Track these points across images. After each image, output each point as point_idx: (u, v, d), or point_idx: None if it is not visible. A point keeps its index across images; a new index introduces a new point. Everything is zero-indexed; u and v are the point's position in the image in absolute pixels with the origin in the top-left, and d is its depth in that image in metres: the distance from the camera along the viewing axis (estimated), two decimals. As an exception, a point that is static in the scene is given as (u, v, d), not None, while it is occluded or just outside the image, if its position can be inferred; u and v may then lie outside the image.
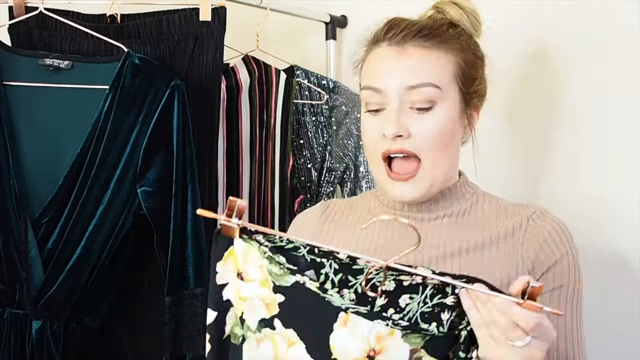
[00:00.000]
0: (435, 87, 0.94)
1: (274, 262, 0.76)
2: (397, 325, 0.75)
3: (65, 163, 1.19)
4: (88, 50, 1.30)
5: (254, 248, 0.77)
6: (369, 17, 1.79)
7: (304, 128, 1.65)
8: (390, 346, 0.75)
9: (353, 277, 0.78)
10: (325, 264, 0.78)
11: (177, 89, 1.21)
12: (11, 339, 1.22)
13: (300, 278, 0.76)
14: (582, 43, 1.27)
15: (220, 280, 0.79)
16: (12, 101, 1.22)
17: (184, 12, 1.33)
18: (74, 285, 1.21)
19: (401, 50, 0.96)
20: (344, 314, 0.75)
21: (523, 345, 0.70)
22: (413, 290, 0.77)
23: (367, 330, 0.75)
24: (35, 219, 1.19)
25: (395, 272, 0.76)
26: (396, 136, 0.93)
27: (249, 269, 0.77)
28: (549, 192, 1.35)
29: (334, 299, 0.75)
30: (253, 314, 0.78)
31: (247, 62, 1.52)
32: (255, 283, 0.77)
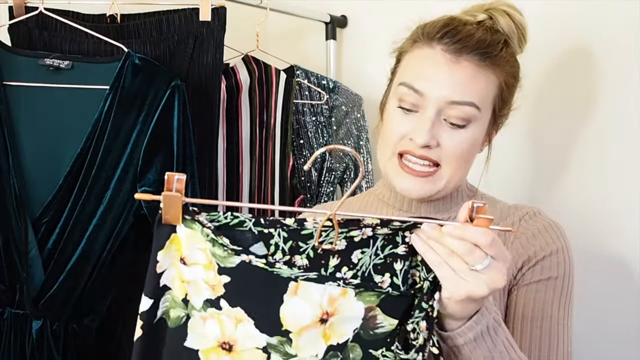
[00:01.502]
0: (476, 108, 0.93)
1: (217, 245, 0.74)
2: (349, 284, 0.74)
3: (66, 163, 1.19)
4: (88, 50, 1.29)
5: (196, 232, 0.75)
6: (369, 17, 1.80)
7: (304, 128, 1.65)
8: (344, 306, 0.75)
9: (303, 243, 0.75)
10: (273, 233, 0.75)
11: (178, 89, 1.21)
12: (11, 339, 1.22)
13: (245, 257, 0.74)
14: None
15: (159, 269, 0.77)
16: (12, 101, 1.22)
17: (184, 12, 1.33)
18: (74, 285, 1.21)
19: (455, 61, 0.93)
20: (295, 283, 0.75)
21: (483, 267, 0.70)
22: (364, 244, 0.75)
23: (319, 294, 0.75)
24: (36, 219, 1.19)
25: (345, 228, 0.74)
26: (425, 145, 0.93)
27: (192, 253, 0.76)
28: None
29: (282, 271, 0.74)
30: (198, 294, 0.76)
31: (247, 62, 1.52)
32: (198, 266, 0.76)
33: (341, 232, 0.75)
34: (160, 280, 0.77)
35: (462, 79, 0.92)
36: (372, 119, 1.70)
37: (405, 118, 0.95)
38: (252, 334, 0.76)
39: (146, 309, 0.77)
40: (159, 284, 0.77)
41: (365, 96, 1.70)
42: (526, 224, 0.97)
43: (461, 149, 0.94)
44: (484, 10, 1.00)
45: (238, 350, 0.76)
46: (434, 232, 0.72)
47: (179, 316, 0.78)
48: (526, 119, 1.37)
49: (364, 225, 0.75)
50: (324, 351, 0.75)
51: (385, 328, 0.75)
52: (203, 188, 1.30)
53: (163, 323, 0.79)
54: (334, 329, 0.75)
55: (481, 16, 0.99)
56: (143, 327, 0.77)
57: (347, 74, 1.81)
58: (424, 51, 0.96)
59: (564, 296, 0.94)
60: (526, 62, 1.03)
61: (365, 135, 1.67)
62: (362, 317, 0.75)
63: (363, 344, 0.75)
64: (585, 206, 1.30)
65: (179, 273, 0.77)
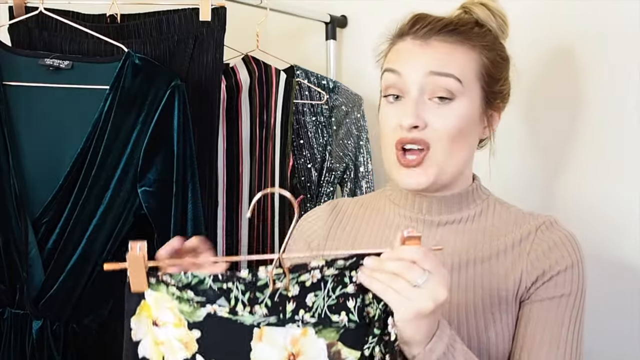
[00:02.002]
0: (456, 79, 0.93)
1: (183, 301, 0.78)
2: (307, 323, 0.77)
3: (66, 163, 1.19)
4: (88, 50, 1.29)
5: (162, 293, 0.78)
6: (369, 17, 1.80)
7: (304, 128, 1.65)
8: (307, 345, 0.78)
9: (260, 293, 0.79)
10: (232, 287, 0.78)
11: (178, 89, 1.21)
12: (11, 339, 1.22)
13: (210, 309, 0.78)
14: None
15: (135, 337, 0.80)
16: (12, 101, 1.22)
17: (184, 12, 1.33)
18: (74, 285, 1.21)
19: (425, 44, 0.95)
20: (258, 329, 0.78)
21: (423, 282, 0.74)
22: (316, 287, 0.78)
23: (282, 337, 0.78)
24: (36, 219, 1.19)
25: (295, 273, 0.78)
26: (412, 127, 0.93)
27: (162, 314, 0.79)
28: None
29: (245, 319, 0.78)
30: (173, 355, 0.79)
31: (247, 62, 1.52)
32: (169, 325, 0.79)
33: (292, 277, 0.78)
34: (138, 351, 0.80)
35: (436, 54, 0.94)
36: (372, 119, 1.70)
37: (394, 107, 0.96)
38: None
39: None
40: (138, 355, 0.80)
41: (365, 96, 1.70)
42: (542, 234, 0.96)
43: (450, 126, 0.93)
44: (460, 7, 1.02)
45: None
46: (375, 262, 0.76)
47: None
48: (525, 119, 1.37)
49: (311, 268, 0.78)
50: None
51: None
52: (203, 188, 1.30)
53: None
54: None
55: (457, 12, 1.01)
56: None
57: (347, 74, 1.81)
58: (397, 46, 0.99)
59: (575, 310, 0.94)
60: (527, 60, 1.03)
61: (365, 135, 1.67)
62: (326, 354, 0.77)
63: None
64: (584, 206, 1.30)
65: (153, 337, 0.79)
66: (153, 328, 0.79)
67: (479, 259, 0.96)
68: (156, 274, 0.79)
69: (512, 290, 0.93)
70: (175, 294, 0.78)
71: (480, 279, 0.94)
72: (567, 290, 0.93)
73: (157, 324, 0.79)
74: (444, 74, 0.93)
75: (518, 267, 0.94)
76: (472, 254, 0.96)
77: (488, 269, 0.95)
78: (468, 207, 1.01)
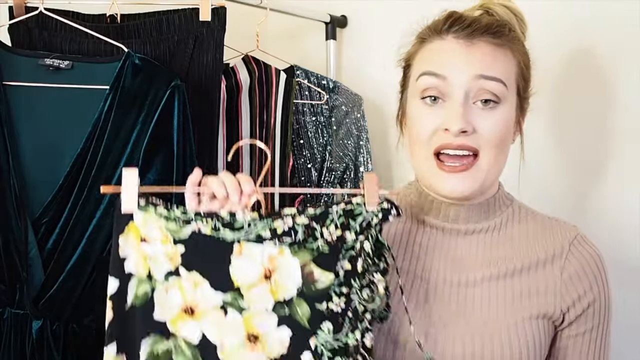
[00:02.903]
0: (503, 84, 0.91)
1: (170, 220, 0.85)
2: (283, 242, 0.84)
3: (66, 163, 1.19)
4: (88, 50, 1.29)
5: (150, 213, 0.85)
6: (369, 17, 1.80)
7: (304, 128, 1.65)
8: (282, 263, 0.84)
9: (238, 232, 0.85)
10: (210, 223, 0.85)
11: (178, 89, 1.21)
12: (11, 339, 1.22)
13: (195, 227, 0.84)
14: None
15: (122, 253, 0.85)
16: (12, 101, 1.22)
17: (184, 12, 1.33)
18: (74, 285, 1.20)
19: (470, 44, 0.91)
20: (238, 244, 0.84)
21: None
22: (286, 235, 0.84)
23: (260, 254, 0.84)
24: (35, 219, 1.19)
25: (269, 218, 0.84)
26: (461, 132, 0.89)
27: (150, 232, 0.85)
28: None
29: (226, 236, 0.84)
30: (159, 268, 0.85)
31: (247, 62, 1.52)
32: (157, 242, 0.85)
33: (266, 223, 0.84)
34: (125, 266, 0.85)
35: (483, 56, 0.91)
36: (372, 119, 1.70)
37: (432, 110, 0.92)
38: (209, 294, 0.84)
39: (114, 292, 0.85)
40: (124, 269, 0.85)
41: (365, 96, 1.69)
42: (576, 250, 0.95)
43: (497, 131, 0.91)
44: (479, 7, 0.99)
45: (199, 312, 0.85)
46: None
47: (145, 292, 0.85)
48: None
49: (284, 215, 0.84)
50: (272, 305, 0.84)
51: (325, 283, 0.83)
52: (203, 188, 1.30)
53: (133, 309, 0.85)
54: (278, 286, 0.84)
55: (477, 12, 0.99)
56: (113, 309, 0.85)
57: (347, 74, 1.80)
58: (435, 44, 0.95)
59: (605, 336, 0.96)
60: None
61: (365, 135, 1.67)
62: (300, 274, 0.84)
63: (308, 300, 0.83)
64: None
65: (141, 254, 0.85)
66: (141, 244, 0.85)
67: (509, 271, 0.94)
68: (146, 197, 0.86)
69: (545, 309, 0.93)
70: (162, 214, 0.85)
71: (510, 292, 0.93)
72: (595, 321, 0.94)
73: (146, 240, 0.85)
74: (492, 77, 0.90)
75: (552, 287, 0.93)
76: (502, 267, 0.95)
77: (519, 283, 0.94)
78: (495, 215, 0.98)
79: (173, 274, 0.85)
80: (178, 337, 0.85)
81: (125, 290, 0.85)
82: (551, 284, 0.93)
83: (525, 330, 0.91)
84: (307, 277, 0.84)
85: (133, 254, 0.85)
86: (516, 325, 0.91)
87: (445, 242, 0.98)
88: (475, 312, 0.92)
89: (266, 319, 0.84)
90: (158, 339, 0.85)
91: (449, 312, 0.93)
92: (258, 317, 0.84)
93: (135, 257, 0.85)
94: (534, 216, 1.01)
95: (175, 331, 0.85)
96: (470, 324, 0.91)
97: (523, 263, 0.95)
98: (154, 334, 0.85)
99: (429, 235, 0.99)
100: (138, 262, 0.85)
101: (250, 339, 0.84)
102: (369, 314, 0.84)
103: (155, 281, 0.85)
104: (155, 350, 0.84)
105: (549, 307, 0.93)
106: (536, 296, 0.93)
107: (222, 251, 0.84)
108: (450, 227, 0.98)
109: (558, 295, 0.93)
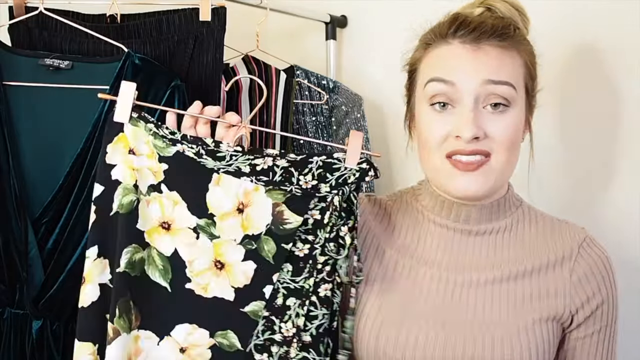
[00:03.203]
0: (512, 87, 0.91)
1: (158, 137, 0.89)
2: (260, 181, 0.88)
3: (65, 163, 1.19)
4: (88, 50, 1.29)
5: (140, 128, 0.89)
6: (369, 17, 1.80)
7: (304, 128, 1.65)
8: (256, 200, 0.88)
9: (218, 161, 0.90)
10: (194, 148, 0.89)
11: (178, 90, 1.21)
12: (11, 339, 1.22)
13: (180, 147, 0.89)
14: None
15: (109, 160, 0.89)
16: (12, 101, 1.22)
17: (184, 12, 1.33)
18: (74, 285, 1.20)
19: (477, 48, 0.91)
20: (217, 175, 0.89)
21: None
22: (264, 174, 0.89)
23: (236, 187, 0.88)
24: (35, 219, 1.19)
25: (251, 155, 0.88)
26: (474, 138, 0.89)
27: (138, 145, 0.90)
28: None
29: (207, 162, 0.88)
30: (144, 180, 0.90)
31: (247, 62, 1.52)
32: (143, 156, 0.90)
33: (247, 159, 0.88)
34: (112, 174, 0.89)
35: (490, 60, 0.91)
36: (372, 119, 1.70)
37: (442, 117, 0.92)
38: (185, 215, 0.89)
39: (98, 195, 0.90)
40: (111, 177, 0.90)
41: (365, 96, 1.69)
42: (585, 252, 0.95)
43: (509, 134, 0.91)
44: (480, 4, 0.99)
45: (174, 229, 0.90)
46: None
47: (131, 200, 0.90)
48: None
49: (266, 154, 0.88)
50: (241, 238, 0.89)
51: (293, 225, 0.88)
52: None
53: (117, 216, 0.90)
54: (250, 220, 0.89)
55: (479, 10, 0.98)
56: (96, 212, 0.90)
57: (347, 74, 1.80)
58: (441, 49, 0.94)
59: (612, 337, 0.97)
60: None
61: (365, 136, 1.67)
62: (271, 212, 0.88)
63: (275, 238, 0.88)
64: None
65: (129, 163, 0.89)
66: (129, 156, 0.90)
67: (519, 273, 0.95)
68: (139, 111, 0.90)
69: (555, 311, 0.93)
70: (151, 130, 0.89)
71: (521, 294, 0.93)
72: (603, 322, 0.95)
73: (135, 153, 0.90)
74: (501, 82, 0.90)
75: (561, 289, 0.93)
76: (513, 268, 0.95)
77: (529, 285, 0.94)
78: (505, 216, 0.99)
79: (155, 188, 0.90)
80: (152, 247, 0.90)
81: (110, 196, 0.89)
82: (560, 286, 0.94)
83: (535, 332, 0.91)
84: (277, 216, 0.88)
85: (121, 163, 0.89)
86: (526, 327, 0.91)
87: (456, 242, 0.98)
88: (483, 314, 0.92)
89: (234, 250, 0.89)
90: (137, 248, 0.90)
91: (456, 312, 0.93)
92: (226, 246, 0.89)
93: (123, 166, 0.90)
94: (543, 218, 1.01)
95: (150, 241, 0.91)
96: (476, 325, 0.91)
97: (533, 265, 0.95)
98: (135, 243, 0.90)
99: (438, 234, 0.99)
100: (125, 171, 0.89)
101: (217, 265, 0.90)
102: (329, 267, 0.88)
103: (140, 193, 0.90)
104: (133, 258, 0.90)
105: (558, 309, 0.93)
106: (546, 298, 0.93)
107: (202, 177, 0.89)
108: (461, 227, 0.98)
109: (567, 297, 0.93)
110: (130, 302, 0.91)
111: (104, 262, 0.91)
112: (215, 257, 0.89)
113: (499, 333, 0.90)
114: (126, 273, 0.90)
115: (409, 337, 0.91)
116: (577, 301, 0.94)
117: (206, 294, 0.90)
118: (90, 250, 0.91)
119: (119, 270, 0.90)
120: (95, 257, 0.91)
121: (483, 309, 0.93)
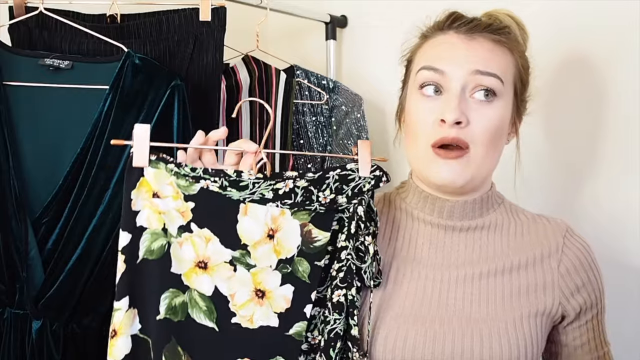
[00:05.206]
0: (499, 80, 0.93)
1: (180, 177, 0.88)
2: (285, 204, 0.89)
3: (65, 163, 1.19)
4: (88, 50, 1.29)
5: (161, 170, 0.88)
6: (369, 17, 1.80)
7: (304, 128, 1.65)
8: (284, 224, 0.90)
9: (242, 191, 0.89)
10: (218, 181, 0.89)
11: (177, 89, 1.21)
12: (11, 339, 1.22)
13: (203, 183, 0.88)
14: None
15: (134, 207, 0.87)
16: (12, 101, 1.22)
17: (183, 12, 1.33)
18: (74, 285, 1.21)
19: (470, 38, 0.94)
20: (243, 204, 0.89)
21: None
22: (287, 197, 0.89)
23: (264, 214, 0.89)
24: (35, 219, 1.19)
25: (272, 180, 0.88)
26: (455, 122, 0.91)
27: (162, 188, 0.88)
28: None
29: (233, 194, 0.88)
30: (173, 223, 0.88)
31: (247, 62, 1.52)
32: (169, 198, 0.88)
33: (269, 184, 0.88)
34: (137, 221, 0.87)
35: (481, 52, 0.93)
36: (372, 119, 1.70)
37: (430, 103, 0.94)
38: (219, 249, 0.89)
39: (126, 244, 0.87)
40: (136, 223, 0.87)
41: (365, 96, 1.70)
42: (569, 243, 0.98)
43: (490, 127, 0.93)
44: (484, 15, 1.01)
45: (211, 266, 0.89)
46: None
47: (162, 245, 0.88)
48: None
49: (286, 177, 0.89)
50: (276, 263, 0.90)
51: (321, 241, 0.90)
52: (203, 188, 1.30)
53: (146, 262, 0.88)
54: (281, 245, 0.90)
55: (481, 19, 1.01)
56: (126, 262, 0.87)
57: (347, 74, 1.81)
58: (436, 39, 0.97)
59: (602, 320, 1.00)
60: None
61: (365, 135, 1.67)
62: (299, 233, 0.89)
63: (308, 257, 0.90)
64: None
65: (154, 208, 0.88)
66: (154, 200, 0.88)
67: (506, 268, 0.95)
68: (157, 152, 0.88)
69: (544, 305, 0.94)
70: (173, 170, 0.88)
71: (508, 289, 0.94)
72: (594, 310, 0.98)
73: (159, 196, 0.88)
74: (489, 73, 0.92)
75: (549, 281, 0.95)
76: (499, 264, 0.96)
77: (517, 280, 0.95)
78: (488, 213, 1.00)
79: (185, 229, 0.89)
80: (192, 289, 0.89)
81: (137, 243, 0.87)
82: (549, 279, 0.95)
83: (524, 327, 0.92)
84: (306, 236, 0.89)
85: (146, 208, 0.88)
86: (514, 322, 0.91)
87: (441, 239, 0.99)
88: (471, 309, 0.93)
89: (271, 276, 0.90)
90: (175, 292, 0.89)
91: (444, 309, 0.93)
92: (263, 274, 0.90)
93: (148, 211, 0.88)
94: (524, 213, 1.03)
95: (189, 284, 0.89)
96: (464, 321, 0.92)
97: (520, 260, 0.96)
98: (172, 288, 0.88)
99: (424, 232, 1.00)
100: (151, 216, 0.88)
101: (257, 294, 0.90)
102: (342, 273, 0.90)
103: (170, 235, 0.88)
104: (173, 303, 0.88)
105: (547, 303, 0.94)
106: (534, 292, 0.94)
107: (230, 210, 0.89)
108: (445, 223, 0.99)
109: (556, 289, 0.94)
110: (178, 348, 0.88)
111: (134, 312, 0.89)
112: (255, 287, 0.90)
113: (488, 328, 0.91)
114: (167, 319, 0.88)
115: (398, 336, 0.91)
116: (567, 292, 0.95)
117: (252, 325, 0.90)
118: (121, 302, 0.88)
119: (160, 318, 0.88)
120: (127, 308, 0.88)
121: (471, 304, 0.93)
